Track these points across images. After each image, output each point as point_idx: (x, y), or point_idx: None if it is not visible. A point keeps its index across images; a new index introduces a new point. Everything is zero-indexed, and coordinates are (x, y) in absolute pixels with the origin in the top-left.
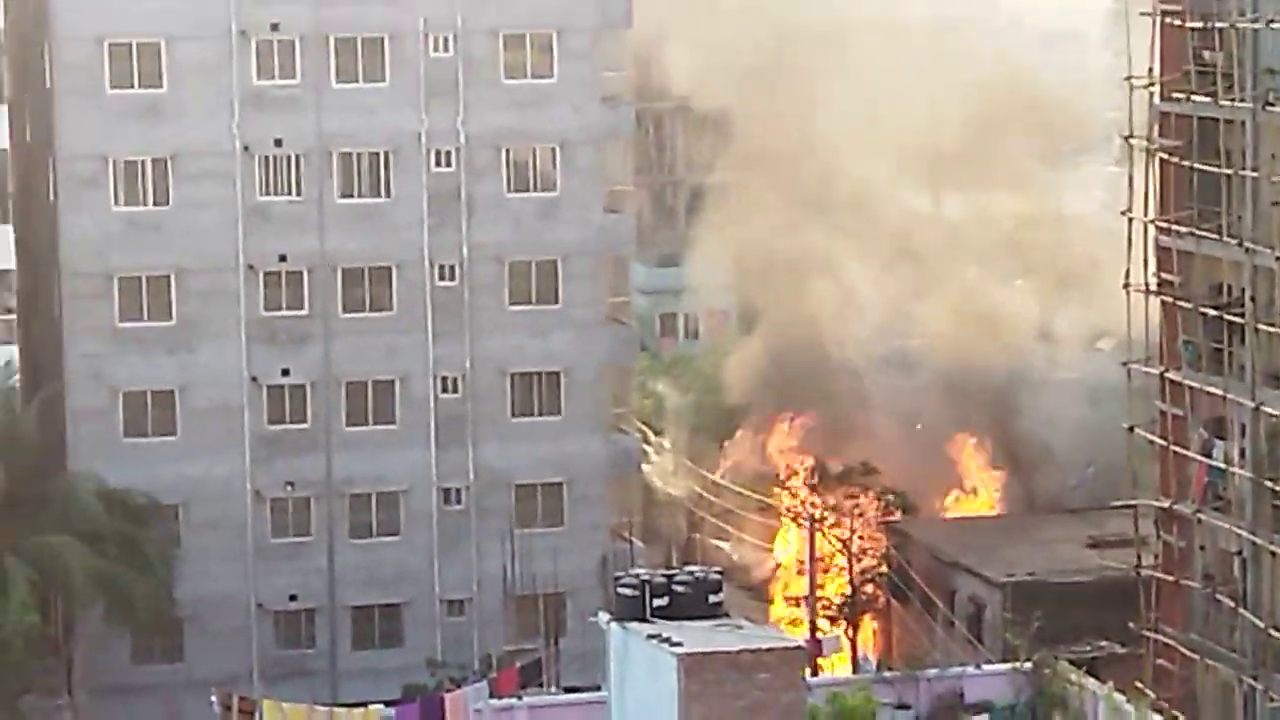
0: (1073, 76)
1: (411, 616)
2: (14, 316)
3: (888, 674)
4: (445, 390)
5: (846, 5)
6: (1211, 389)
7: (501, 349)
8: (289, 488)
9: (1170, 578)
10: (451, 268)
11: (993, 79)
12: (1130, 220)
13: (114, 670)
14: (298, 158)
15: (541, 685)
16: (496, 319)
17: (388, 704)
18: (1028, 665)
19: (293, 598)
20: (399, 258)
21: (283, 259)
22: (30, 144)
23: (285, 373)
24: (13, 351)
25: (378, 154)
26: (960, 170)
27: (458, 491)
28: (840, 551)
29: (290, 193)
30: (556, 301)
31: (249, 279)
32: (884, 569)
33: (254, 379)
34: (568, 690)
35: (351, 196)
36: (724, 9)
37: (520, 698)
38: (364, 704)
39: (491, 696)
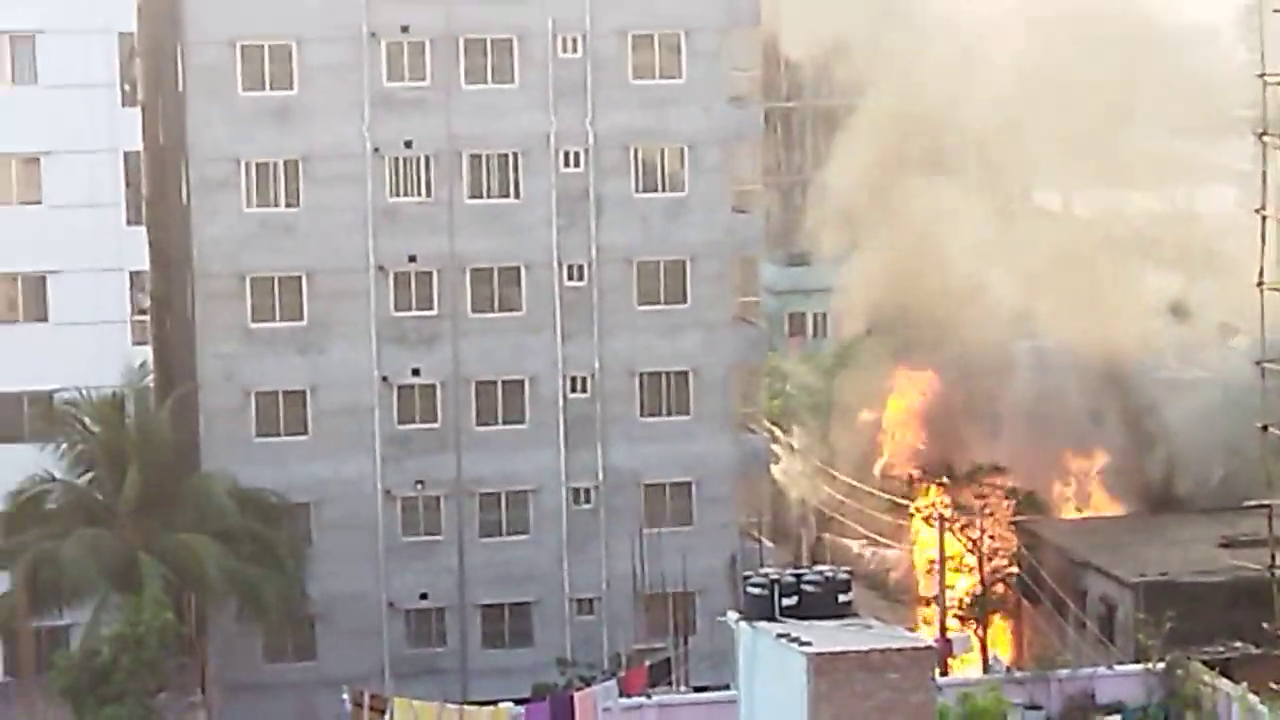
0: (1208, 71)
1: (541, 615)
2: (148, 318)
3: (1018, 674)
4: (574, 390)
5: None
6: None
7: (630, 349)
8: (419, 487)
9: None
10: (580, 268)
11: (1129, 71)
12: (1264, 218)
13: (247, 668)
14: (427, 159)
15: (670, 684)
16: (625, 319)
17: (517, 702)
18: (1160, 666)
19: (423, 596)
20: (528, 258)
21: (412, 259)
22: (163, 146)
23: (415, 372)
24: (147, 352)
25: (507, 155)
26: (1093, 164)
27: (587, 491)
28: (970, 551)
29: (420, 194)
30: (685, 301)
31: (379, 279)
32: (1014, 569)
33: (384, 379)
34: (697, 689)
35: (480, 197)
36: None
37: (649, 696)
38: (494, 702)
39: (621, 695)
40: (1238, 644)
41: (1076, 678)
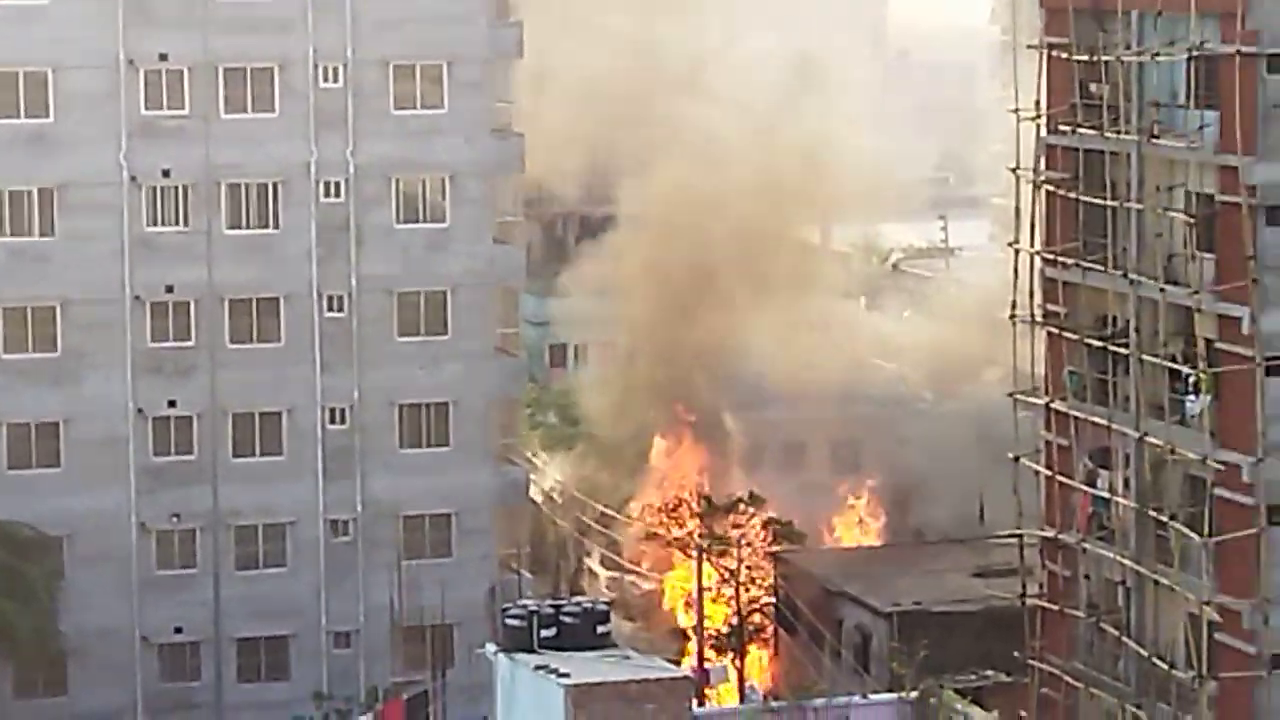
0: (962, 109)
1: (298, 649)
2: None
3: (774, 704)
4: (333, 421)
5: (719, 35)
6: (1096, 419)
7: (390, 380)
8: (175, 519)
9: (1055, 607)
10: (340, 299)
11: (881, 113)
12: (1017, 252)
13: None
14: (186, 188)
15: (428, 717)
16: (385, 350)
17: None
18: (914, 694)
19: (178, 630)
20: (287, 289)
21: (170, 290)
22: None
23: (172, 404)
24: None
25: (266, 184)
26: (849, 203)
27: (345, 523)
28: (727, 581)
29: (178, 223)
30: (445, 333)
31: (135, 310)
32: (771, 599)
33: (140, 410)
34: None
35: (239, 227)
36: (600, 40)
37: None
38: None
39: None
40: (989, 672)
41: (832, 706)
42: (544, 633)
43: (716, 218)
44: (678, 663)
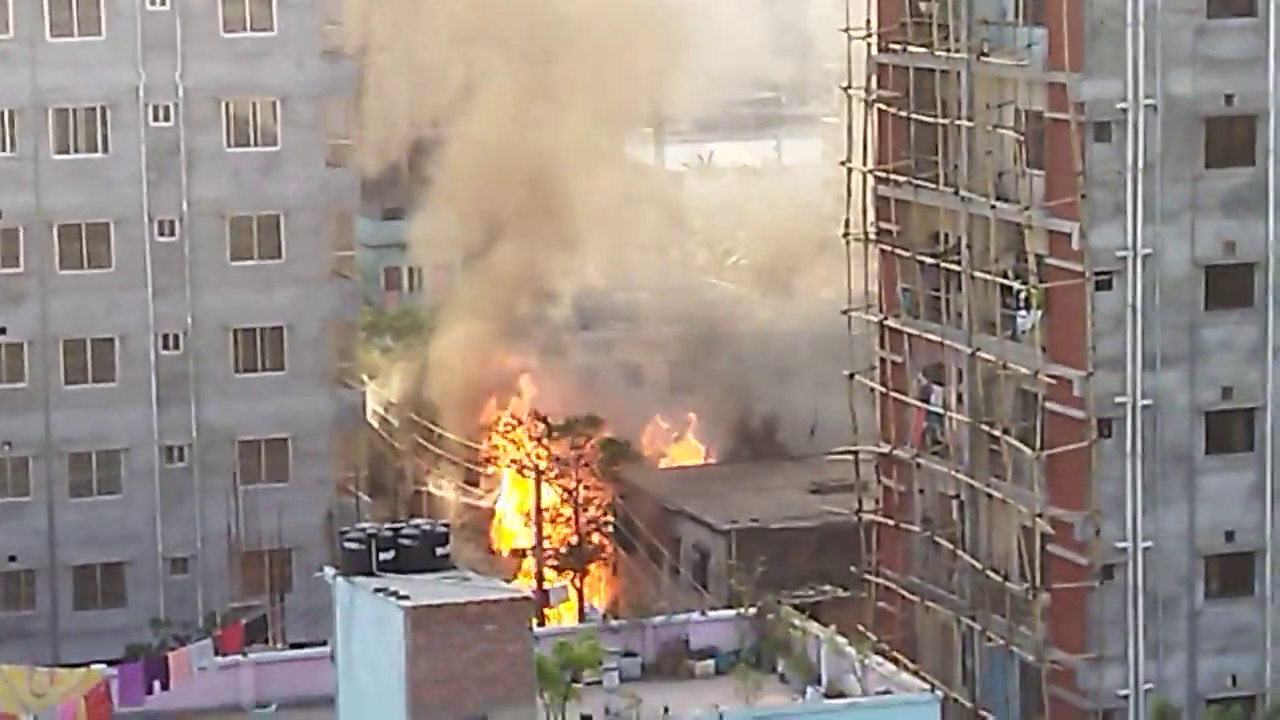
0: (795, 28)
1: (134, 576)
2: None
3: (614, 623)
4: (166, 347)
5: None
6: (929, 335)
7: (223, 305)
8: (6, 447)
9: (890, 522)
10: (171, 223)
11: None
12: (849, 170)
13: None
14: (12, 113)
15: (267, 642)
16: (218, 275)
17: (110, 664)
18: (752, 611)
19: (12, 558)
20: (118, 214)
21: None
22: None
23: (1, 331)
24: None
25: (94, 109)
26: (683, 124)
27: (180, 449)
28: (566, 502)
29: (5, 149)
30: (279, 256)
31: None
32: (610, 519)
33: None
34: (294, 646)
35: (68, 152)
36: None
37: (245, 654)
38: (86, 664)
39: (216, 654)
40: (826, 588)
41: (671, 624)
42: (383, 556)
43: (551, 138)
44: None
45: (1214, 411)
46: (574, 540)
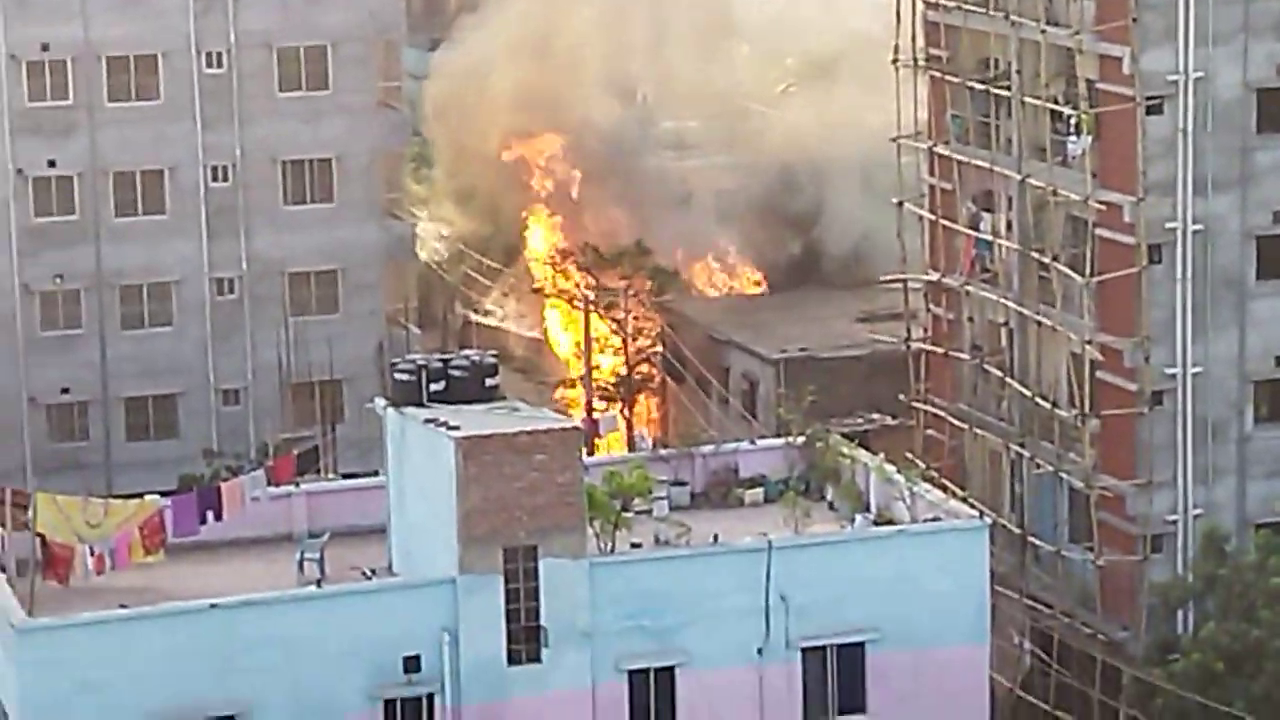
0: None
1: (186, 407)
2: None
3: (664, 452)
4: (215, 179)
5: None
6: (979, 162)
7: (272, 136)
8: (58, 280)
9: (939, 350)
10: (219, 55)
11: None
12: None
13: None
14: None
15: (319, 472)
16: (266, 106)
17: (164, 494)
18: (801, 440)
19: (65, 390)
20: (165, 45)
21: (45, 48)
22: None
23: (51, 164)
24: None
25: None
26: None
27: (230, 281)
28: (615, 332)
29: None
30: (327, 88)
31: (11, 68)
32: (658, 348)
33: (19, 171)
34: (345, 477)
35: None
36: None
37: (298, 485)
38: (140, 495)
39: (269, 484)
40: (875, 416)
41: (720, 453)
42: (433, 386)
43: None
44: (567, 414)
45: (1265, 236)
46: (623, 370)
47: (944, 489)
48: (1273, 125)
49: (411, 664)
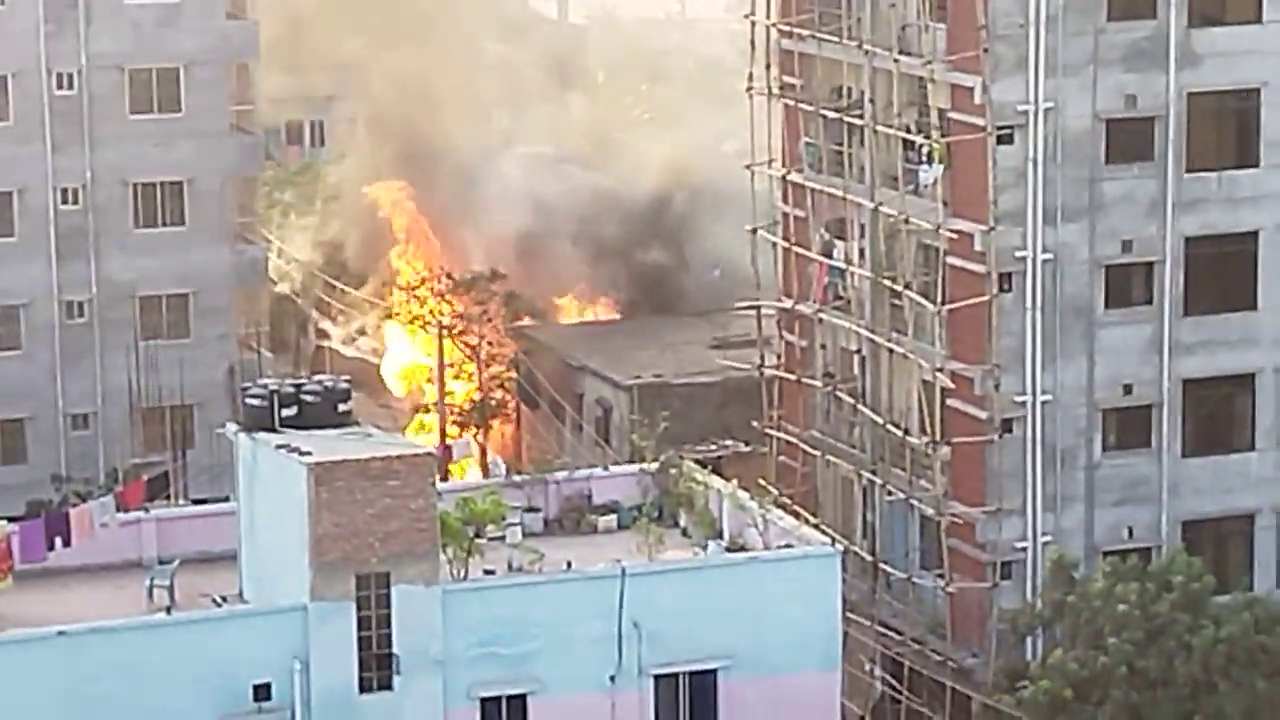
0: None
1: (35, 432)
2: None
3: (517, 478)
4: (65, 202)
5: None
6: (832, 190)
7: (123, 159)
8: None
9: (792, 377)
10: (70, 76)
11: None
12: (753, 24)
13: None
14: None
15: (169, 498)
16: (117, 129)
17: (11, 520)
18: (654, 466)
19: None
20: (15, 66)
21: None
22: None
23: None
24: None
25: None
26: None
27: (80, 304)
28: (469, 358)
29: None
30: (179, 110)
31: None
32: (513, 374)
33: None
34: (196, 502)
35: None
36: None
37: (147, 510)
38: None
39: (118, 510)
40: (728, 443)
41: (574, 480)
42: (285, 411)
43: None
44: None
45: (1114, 265)
46: (477, 396)
47: (796, 516)
48: (1121, 156)
49: (262, 692)
